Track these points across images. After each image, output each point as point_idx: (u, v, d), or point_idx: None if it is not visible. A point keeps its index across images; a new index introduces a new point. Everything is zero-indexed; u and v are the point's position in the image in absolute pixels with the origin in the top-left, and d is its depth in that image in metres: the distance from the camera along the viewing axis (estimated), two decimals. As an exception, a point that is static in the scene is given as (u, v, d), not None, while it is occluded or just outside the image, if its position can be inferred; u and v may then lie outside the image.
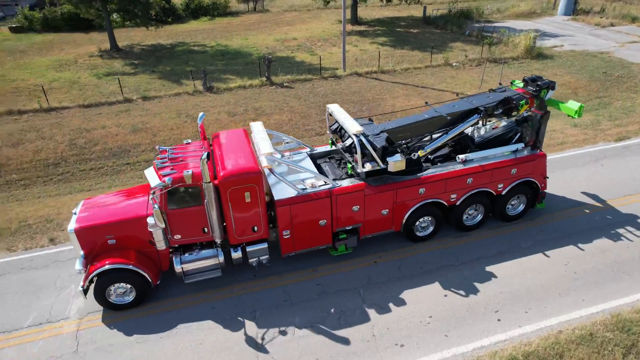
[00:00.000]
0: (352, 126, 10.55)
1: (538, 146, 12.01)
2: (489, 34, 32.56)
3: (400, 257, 11.33)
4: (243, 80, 24.57)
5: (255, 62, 27.62)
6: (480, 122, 11.90)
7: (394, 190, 10.68)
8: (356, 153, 10.44)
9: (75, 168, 16.89)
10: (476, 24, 37.17)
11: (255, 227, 9.96)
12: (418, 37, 33.79)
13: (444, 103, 12.19)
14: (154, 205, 8.87)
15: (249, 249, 10.23)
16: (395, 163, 10.52)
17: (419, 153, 10.95)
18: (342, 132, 11.54)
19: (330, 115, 11.99)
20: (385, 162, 10.56)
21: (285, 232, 10.24)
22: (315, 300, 10.13)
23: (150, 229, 9.09)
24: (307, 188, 10.24)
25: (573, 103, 11.52)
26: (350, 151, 11.27)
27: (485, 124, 12.32)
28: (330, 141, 12.46)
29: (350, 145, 11.22)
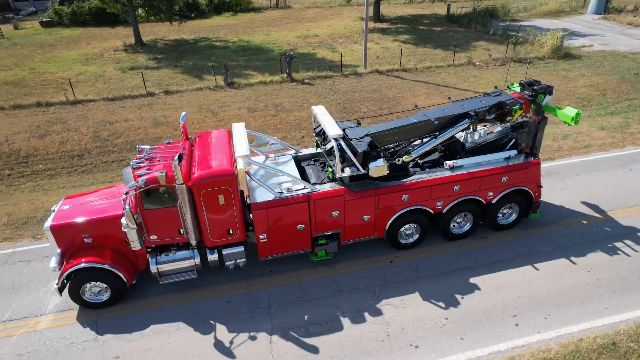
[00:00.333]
0: (332, 129, 10.16)
1: (534, 153, 11.49)
2: (514, 33, 31.85)
3: (417, 258, 11.22)
4: (264, 76, 24.69)
5: (276, 59, 27.71)
6: (472, 127, 11.26)
7: (376, 196, 10.34)
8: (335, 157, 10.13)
9: (98, 160, 17.30)
10: (501, 23, 36.43)
11: (230, 230, 9.84)
12: (441, 36, 33.32)
13: (438, 106, 11.78)
14: (125, 205, 8.77)
15: (225, 252, 10.09)
16: (376, 168, 10.05)
17: (404, 158, 10.54)
18: (325, 135, 11.18)
19: (315, 117, 11.62)
20: (366, 167, 10.17)
21: (262, 236, 10.06)
22: (330, 297, 10.13)
23: (123, 229, 8.97)
24: (284, 192, 10.01)
25: (570, 109, 11.01)
26: (331, 155, 10.90)
27: (475, 129, 11.70)
28: (315, 144, 12.06)
29: (331, 148, 10.84)
